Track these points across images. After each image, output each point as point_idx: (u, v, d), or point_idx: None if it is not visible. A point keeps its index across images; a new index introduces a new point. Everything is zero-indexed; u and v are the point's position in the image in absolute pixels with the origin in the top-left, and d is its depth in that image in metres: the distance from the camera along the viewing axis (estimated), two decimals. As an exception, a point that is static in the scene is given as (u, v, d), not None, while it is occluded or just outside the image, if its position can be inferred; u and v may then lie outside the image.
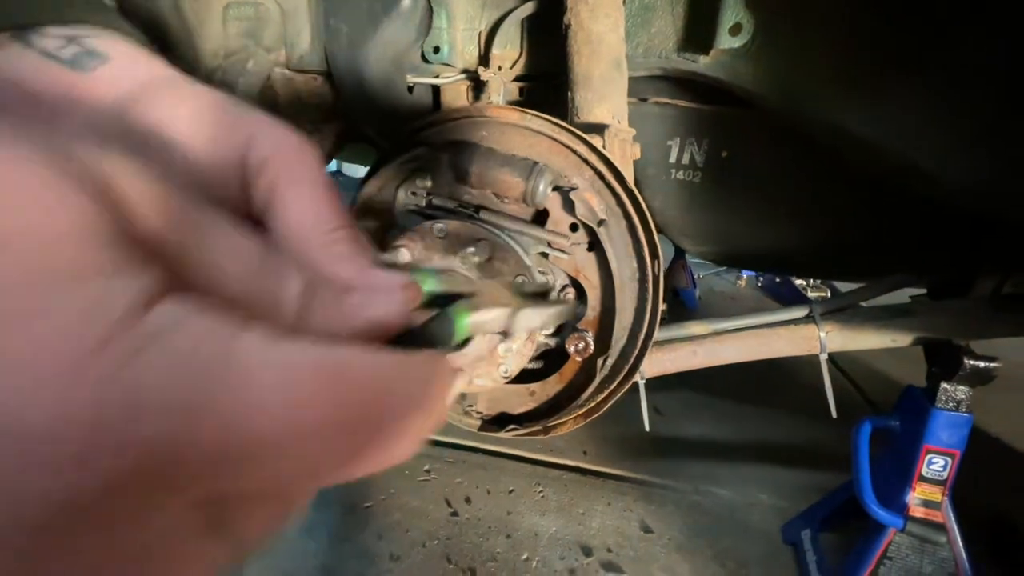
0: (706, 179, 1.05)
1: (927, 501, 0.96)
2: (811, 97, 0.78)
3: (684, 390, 2.25)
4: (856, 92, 0.75)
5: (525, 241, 0.68)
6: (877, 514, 0.96)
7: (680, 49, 0.88)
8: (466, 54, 1.03)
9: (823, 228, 1.02)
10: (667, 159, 1.07)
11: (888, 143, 0.73)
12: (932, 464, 0.94)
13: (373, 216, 0.73)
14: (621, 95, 0.84)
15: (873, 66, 0.73)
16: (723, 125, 0.99)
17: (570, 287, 0.71)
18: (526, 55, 0.99)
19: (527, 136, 0.69)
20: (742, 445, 1.87)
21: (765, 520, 1.47)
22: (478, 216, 0.67)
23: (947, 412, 0.91)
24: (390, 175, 0.71)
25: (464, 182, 0.66)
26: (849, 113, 0.76)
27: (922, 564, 0.97)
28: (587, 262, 0.68)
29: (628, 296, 0.72)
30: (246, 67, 1.08)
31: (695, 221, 1.11)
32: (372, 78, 1.02)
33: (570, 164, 0.68)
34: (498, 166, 0.64)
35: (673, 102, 1.01)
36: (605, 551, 1.34)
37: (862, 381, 2.42)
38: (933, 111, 0.70)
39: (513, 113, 0.70)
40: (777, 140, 0.96)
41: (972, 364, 0.86)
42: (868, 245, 1.00)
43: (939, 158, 0.69)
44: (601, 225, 0.64)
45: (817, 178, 0.98)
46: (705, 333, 0.93)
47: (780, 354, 0.91)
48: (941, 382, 0.91)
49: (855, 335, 0.89)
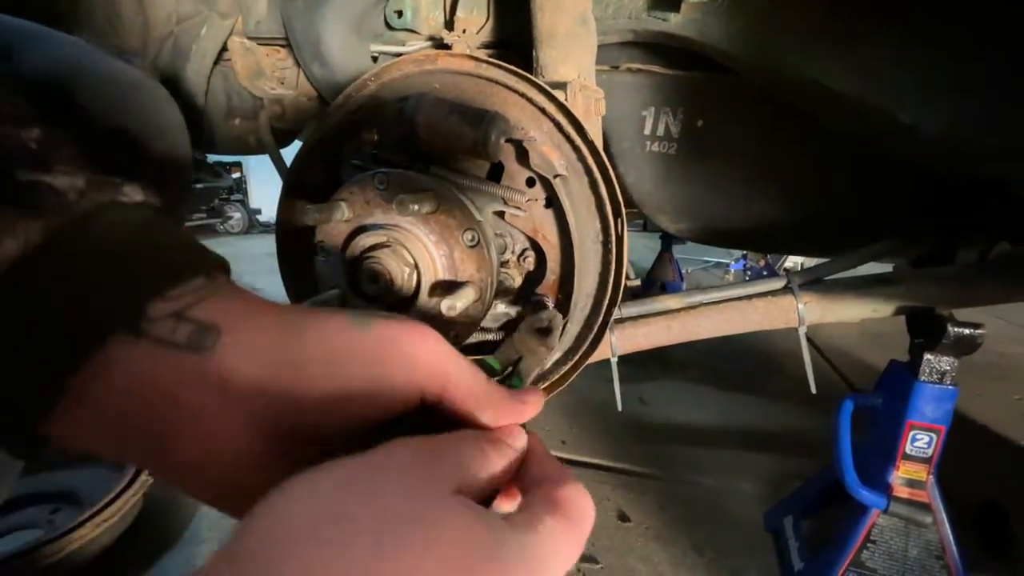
0: (682, 151, 1.01)
1: (912, 480, 0.91)
2: (786, 52, 0.74)
3: (667, 378, 2.24)
4: (832, 45, 0.71)
5: (480, 199, 0.63)
6: (859, 494, 0.92)
7: (650, 7, 0.84)
8: (431, 19, 0.98)
9: (804, 200, 0.99)
10: (642, 131, 1.02)
11: (866, 97, 0.69)
12: (916, 441, 0.90)
13: (319, 169, 0.68)
14: (588, 52, 0.79)
15: (849, 16, 0.69)
16: (698, 92, 0.95)
17: (529, 250, 0.67)
18: (493, 20, 0.95)
19: (482, 86, 0.64)
20: (725, 433, 1.85)
21: (746, 508, 1.43)
22: (427, 171, 0.62)
23: (931, 385, 0.87)
24: (334, 129, 0.66)
25: (412, 134, 0.61)
26: (825, 68, 0.72)
27: (907, 547, 0.93)
28: (545, 220, 0.63)
29: (591, 259, 0.67)
30: (199, 34, 1.03)
31: (672, 196, 1.07)
32: (330, 43, 0.97)
33: (527, 115, 0.63)
34: (447, 115, 0.59)
35: (646, 68, 0.97)
36: (581, 541, 1.30)
37: (845, 368, 2.41)
38: (911, 61, 0.66)
39: (467, 61, 0.66)
40: (754, 107, 0.93)
41: (956, 332, 0.82)
42: (851, 217, 0.96)
43: (916, 110, 0.65)
44: (557, 178, 0.60)
45: (796, 148, 0.94)
46: (679, 307, 0.89)
47: (758, 327, 0.87)
48: (924, 353, 0.87)
49: (835, 306, 0.85)
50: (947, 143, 0.66)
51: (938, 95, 0.64)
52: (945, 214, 0.87)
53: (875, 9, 0.68)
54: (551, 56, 0.79)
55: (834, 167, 0.94)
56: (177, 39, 1.03)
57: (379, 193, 0.57)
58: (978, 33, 0.61)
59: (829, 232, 0.99)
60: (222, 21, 1.03)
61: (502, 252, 0.67)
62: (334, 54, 0.98)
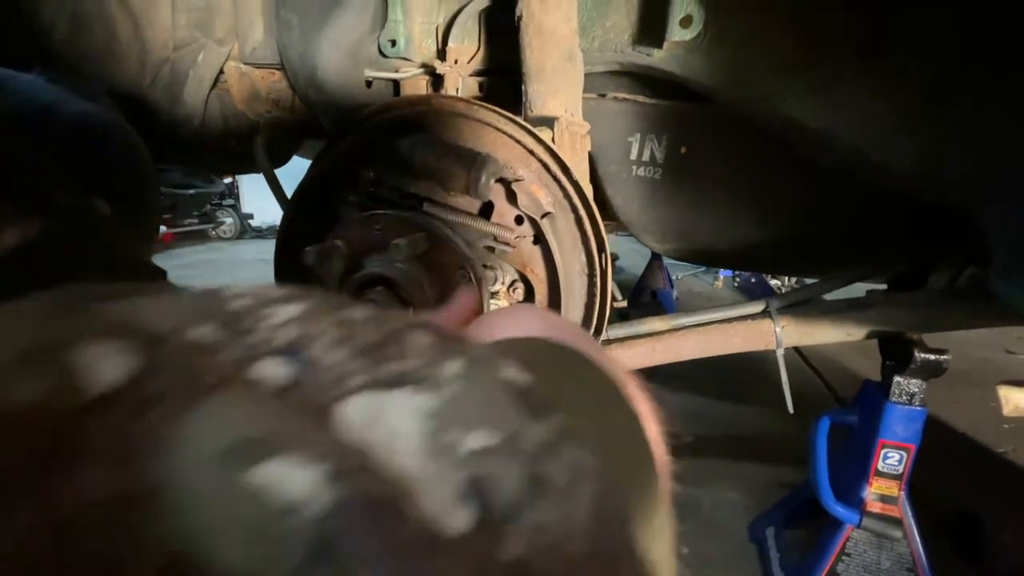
0: (667, 175, 1.05)
1: (884, 496, 0.96)
2: (763, 89, 0.78)
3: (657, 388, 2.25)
4: (806, 85, 0.74)
5: (471, 234, 0.66)
6: (834, 510, 0.96)
7: (635, 42, 0.87)
8: (424, 48, 1.00)
9: (783, 223, 1.02)
10: (628, 156, 1.06)
11: (838, 134, 0.73)
12: (888, 458, 0.94)
13: (316, 206, 0.70)
14: (574, 87, 0.83)
15: (823, 58, 0.73)
16: (681, 121, 0.99)
17: (519, 282, 0.70)
18: (484, 49, 0.97)
19: (474, 127, 0.67)
20: (714, 441, 1.88)
21: (732, 517, 1.47)
22: (421, 208, 0.65)
23: (901, 406, 0.92)
24: (333, 164, 0.69)
25: (408, 172, 0.64)
26: (800, 105, 0.75)
27: (880, 559, 0.97)
28: (533, 256, 0.66)
29: (577, 291, 0.70)
30: (196, 60, 1.05)
31: (658, 218, 1.10)
32: (326, 71, 1.00)
33: (516, 155, 0.66)
34: (441, 156, 0.63)
35: (632, 97, 1.00)
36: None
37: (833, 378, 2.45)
38: (881, 102, 0.70)
39: (459, 103, 0.69)
40: (735, 135, 0.96)
41: (923, 357, 0.87)
42: (828, 240, 1.00)
43: (885, 148, 0.69)
44: (544, 217, 0.63)
45: (775, 173, 0.98)
46: (664, 329, 0.92)
47: (738, 349, 0.90)
48: (895, 376, 0.91)
49: (811, 329, 0.89)
50: (915, 177, 0.70)
51: (907, 134, 0.68)
52: (917, 239, 0.91)
53: (847, 52, 0.72)
54: (539, 91, 0.83)
55: (811, 193, 0.97)
56: (174, 64, 1.05)
57: (375, 233, 0.59)
58: (945, 76, 0.65)
59: (808, 254, 1.03)
60: (219, 48, 1.05)
61: (492, 283, 0.69)
62: (329, 81, 1.01)
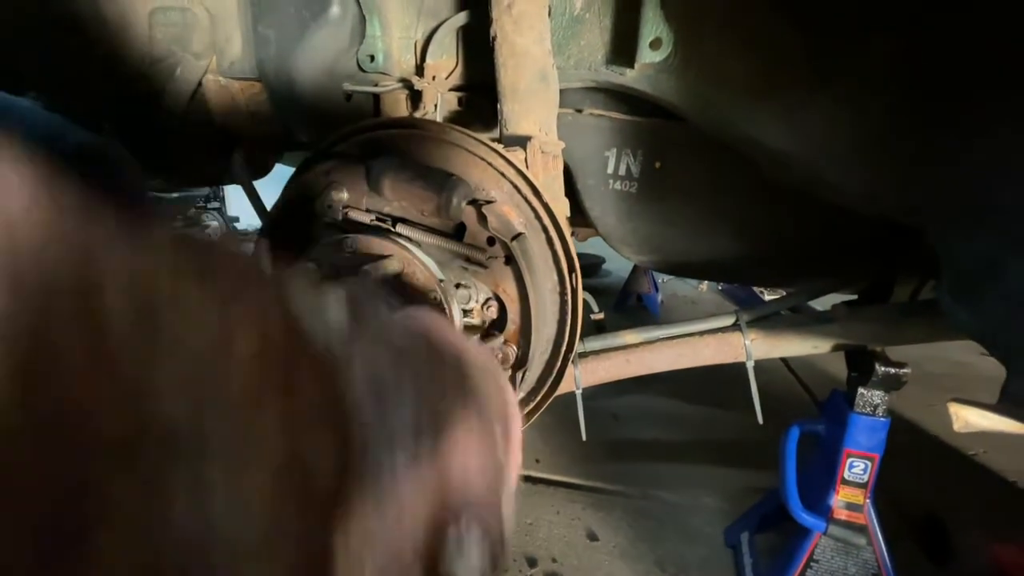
0: (642, 189, 1.07)
1: (850, 504, 0.98)
2: (727, 110, 0.80)
3: (641, 393, 2.27)
4: (768, 106, 0.77)
5: (443, 255, 0.67)
6: (801, 518, 0.99)
7: (608, 62, 0.89)
8: (403, 63, 1.01)
9: (752, 237, 1.05)
10: (605, 169, 1.07)
11: (798, 155, 0.75)
12: (853, 467, 0.97)
13: (291, 225, 0.71)
14: (548, 107, 0.84)
15: (784, 82, 0.75)
16: (655, 137, 1.01)
17: (493, 300, 0.71)
18: (463, 65, 0.99)
19: (445, 149, 0.69)
20: (694, 447, 1.90)
21: (709, 523, 1.49)
22: (394, 230, 0.66)
23: (865, 416, 0.95)
24: (307, 185, 0.70)
25: (379, 194, 0.65)
26: (762, 126, 0.78)
27: (847, 566, 1.00)
28: (505, 275, 0.67)
29: (549, 308, 0.72)
30: (174, 74, 1.05)
31: (634, 230, 1.12)
32: (303, 85, 1.00)
33: (488, 177, 0.68)
34: (412, 179, 0.64)
35: (608, 114, 1.02)
36: (550, 561, 1.35)
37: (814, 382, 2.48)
38: (838, 126, 0.72)
39: (431, 125, 0.70)
40: (706, 152, 0.98)
41: (884, 370, 0.90)
42: (795, 253, 1.03)
43: (840, 170, 0.72)
44: (515, 239, 0.64)
45: (745, 189, 1.00)
46: (637, 342, 0.94)
47: (708, 362, 0.93)
48: (858, 387, 0.94)
49: (779, 342, 0.92)
50: (866, 199, 0.73)
51: (858, 160, 0.70)
52: (879, 254, 0.94)
53: (806, 76, 0.74)
54: (514, 110, 0.84)
55: (778, 207, 1.00)
56: (151, 80, 1.05)
57: (346, 256, 0.60)
58: (893, 112, 0.68)
59: (776, 267, 1.06)
60: (196, 62, 1.05)
61: (466, 301, 0.70)
62: (306, 97, 1.02)
